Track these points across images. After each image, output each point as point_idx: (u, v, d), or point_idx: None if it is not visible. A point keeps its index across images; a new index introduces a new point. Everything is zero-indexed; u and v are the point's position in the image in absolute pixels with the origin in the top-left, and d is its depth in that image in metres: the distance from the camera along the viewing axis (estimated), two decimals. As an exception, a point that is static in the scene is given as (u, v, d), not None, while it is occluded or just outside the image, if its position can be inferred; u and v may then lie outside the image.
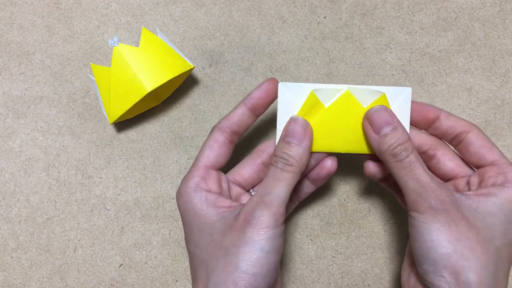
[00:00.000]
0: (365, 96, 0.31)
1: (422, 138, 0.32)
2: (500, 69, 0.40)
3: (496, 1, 0.41)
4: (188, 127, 0.40)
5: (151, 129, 0.40)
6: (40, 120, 0.40)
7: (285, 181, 0.29)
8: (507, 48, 0.41)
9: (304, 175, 0.33)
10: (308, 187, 0.34)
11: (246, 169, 0.33)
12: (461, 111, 0.40)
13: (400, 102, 0.32)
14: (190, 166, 0.31)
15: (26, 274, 0.38)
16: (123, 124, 0.40)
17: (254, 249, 0.27)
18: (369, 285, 0.37)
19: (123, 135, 0.40)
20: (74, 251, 0.38)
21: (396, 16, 0.41)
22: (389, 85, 0.40)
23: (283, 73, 0.40)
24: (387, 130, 0.29)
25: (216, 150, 0.31)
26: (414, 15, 0.41)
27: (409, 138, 0.29)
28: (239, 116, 0.32)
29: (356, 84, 0.40)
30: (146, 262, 0.38)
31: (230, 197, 0.32)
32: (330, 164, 0.33)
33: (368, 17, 0.41)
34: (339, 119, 0.31)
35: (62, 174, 0.39)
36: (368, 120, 0.30)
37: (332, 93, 0.31)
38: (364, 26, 0.41)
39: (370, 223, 0.38)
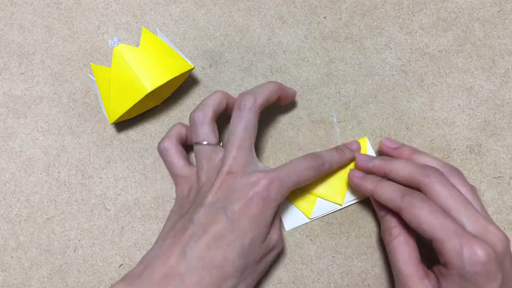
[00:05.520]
0: None
1: None
2: (500, 69, 0.40)
3: (496, 1, 0.41)
4: (188, 127, 0.40)
5: (151, 129, 0.40)
6: (40, 120, 0.40)
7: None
8: (507, 48, 0.41)
9: None
10: None
11: None
12: (461, 111, 0.40)
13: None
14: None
15: (26, 274, 0.38)
16: (123, 124, 0.40)
17: None
18: (369, 285, 0.37)
19: (123, 135, 0.40)
20: (74, 251, 0.38)
21: (396, 16, 0.41)
22: (388, 85, 0.40)
23: (283, 73, 0.40)
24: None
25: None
26: (414, 15, 0.41)
27: None
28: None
29: (356, 83, 0.40)
30: (146, 262, 0.38)
31: None
32: None
33: (368, 17, 0.41)
34: None
35: (62, 174, 0.39)
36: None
37: None
38: (364, 26, 0.41)
39: (370, 223, 0.38)
